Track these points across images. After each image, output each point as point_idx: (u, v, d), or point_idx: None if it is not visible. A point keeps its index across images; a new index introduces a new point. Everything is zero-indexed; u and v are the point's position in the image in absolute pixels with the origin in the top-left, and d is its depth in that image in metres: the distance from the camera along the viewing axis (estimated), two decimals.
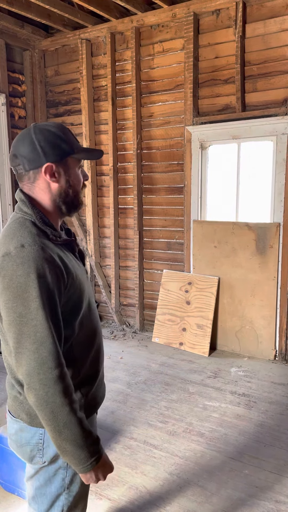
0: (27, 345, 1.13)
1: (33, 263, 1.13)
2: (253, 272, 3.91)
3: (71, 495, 1.39)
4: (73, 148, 1.27)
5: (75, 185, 1.31)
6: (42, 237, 1.21)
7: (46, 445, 1.32)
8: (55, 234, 1.26)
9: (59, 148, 1.25)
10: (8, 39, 4.50)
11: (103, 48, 4.50)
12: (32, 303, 1.12)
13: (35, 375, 1.13)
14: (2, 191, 4.58)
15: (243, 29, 3.73)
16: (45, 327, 1.13)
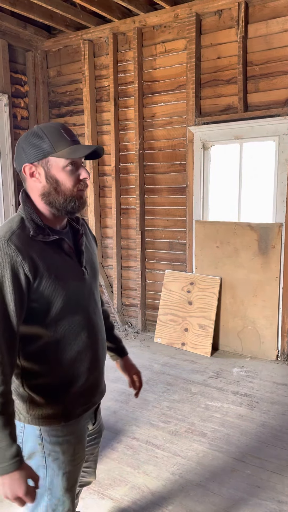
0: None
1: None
2: (255, 272, 3.91)
3: (55, 496, 1.40)
4: (54, 147, 1.27)
5: (59, 185, 1.30)
6: (19, 232, 1.25)
7: (25, 440, 1.36)
8: (37, 231, 1.28)
9: (38, 148, 1.27)
10: (10, 40, 4.51)
11: (105, 48, 4.51)
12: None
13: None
14: (5, 191, 4.59)
15: (245, 29, 3.74)
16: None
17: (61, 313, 1.31)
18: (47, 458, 1.36)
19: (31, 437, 1.35)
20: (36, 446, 1.35)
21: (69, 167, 1.29)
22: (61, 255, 1.34)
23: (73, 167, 1.30)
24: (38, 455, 1.36)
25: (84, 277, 1.40)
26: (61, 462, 1.38)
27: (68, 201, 1.31)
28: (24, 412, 1.34)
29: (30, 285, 1.23)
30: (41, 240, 1.28)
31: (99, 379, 1.50)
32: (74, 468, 1.43)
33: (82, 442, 1.46)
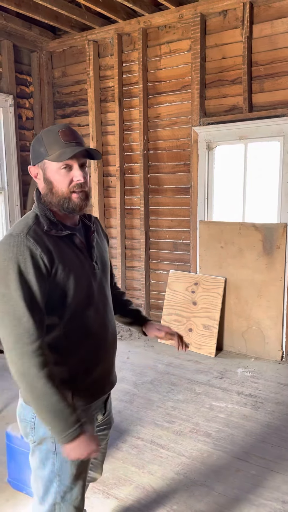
0: (6, 322, 1.25)
1: (15, 249, 1.26)
2: (260, 272, 3.91)
3: (63, 483, 1.45)
4: (48, 150, 1.35)
5: (53, 187, 1.37)
6: (35, 227, 1.33)
7: (37, 425, 1.41)
8: (51, 226, 1.35)
9: (37, 151, 1.38)
10: (16, 41, 4.53)
11: (110, 49, 4.52)
12: (11, 284, 1.25)
13: (13, 349, 1.25)
14: (10, 191, 4.61)
15: (250, 29, 3.74)
16: (22, 305, 1.24)
17: (73, 305, 1.37)
18: (57, 444, 1.41)
19: (42, 423, 1.40)
20: (46, 432, 1.40)
21: (62, 169, 1.36)
22: (73, 249, 1.41)
23: (67, 169, 1.36)
24: (48, 440, 1.41)
25: (95, 272, 1.47)
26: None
27: (62, 202, 1.38)
28: None
29: (49, 275, 1.31)
30: (54, 235, 1.36)
31: (109, 370, 1.56)
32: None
33: (91, 431, 1.50)
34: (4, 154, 4.52)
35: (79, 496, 1.50)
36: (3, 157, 4.52)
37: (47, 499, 1.47)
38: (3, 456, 2.54)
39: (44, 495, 1.47)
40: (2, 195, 4.60)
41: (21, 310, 1.24)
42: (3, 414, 3.04)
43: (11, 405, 3.15)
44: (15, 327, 1.24)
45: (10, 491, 2.29)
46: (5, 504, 2.21)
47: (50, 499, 1.46)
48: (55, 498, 1.46)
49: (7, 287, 1.25)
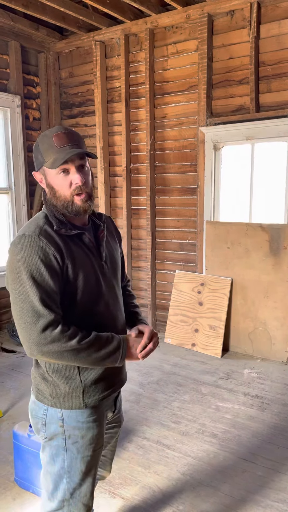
0: (27, 319, 1.29)
1: (29, 249, 1.30)
2: (267, 273, 3.90)
3: (73, 480, 1.47)
4: (44, 157, 1.37)
5: (56, 191, 1.39)
6: (46, 227, 1.36)
7: (48, 421, 1.45)
8: (60, 226, 1.38)
9: (37, 158, 1.42)
10: (23, 42, 4.55)
11: (117, 49, 4.52)
12: (27, 282, 1.28)
13: (42, 344, 1.28)
14: (17, 191, 4.63)
15: (258, 29, 3.73)
16: (40, 301, 1.28)
17: (82, 303, 1.39)
18: (67, 440, 1.44)
19: (53, 419, 1.44)
20: (58, 428, 1.44)
21: (61, 174, 1.37)
22: (83, 248, 1.43)
23: (65, 173, 1.37)
24: (59, 437, 1.44)
25: (104, 271, 1.48)
26: (80, 446, 1.45)
27: (66, 205, 1.39)
28: (48, 395, 1.44)
29: (61, 273, 1.34)
30: (64, 234, 1.38)
31: (119, 368, 1.57)
32: (93, 454, 1.49)
33: (101, 428, 1.53)
34: (11, 154, 4.54)
35: (88, 494, 1.51)
36: (10, 157, 4.54)
37: (56, 495, 1.49)
38: (10, 455, 2.55)
39: (53, 491, 1.49)
40: (9, 195, 4.62)
41: (39, 307, 1.28)
42: (9, 413, 3.05)
43: (18, 404, 3.16)
44: (36, 323, 1.28)
45: (17, 490, 2.30)
46: (12, 502, 2.22)
47: (59, 495, 1.48)
48: (64, 494, 1.47)
49: (23, 285, 1.29)
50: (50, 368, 1.42)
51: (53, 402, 1.43)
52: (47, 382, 1.44)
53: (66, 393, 1.42)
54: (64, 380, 1.42)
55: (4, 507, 2.19)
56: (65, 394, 1.42)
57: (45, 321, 1.28)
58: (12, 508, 2.18)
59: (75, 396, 1.42)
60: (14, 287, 1.31)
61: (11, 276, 1.32)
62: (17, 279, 1.30)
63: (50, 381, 1.43)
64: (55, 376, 1.42)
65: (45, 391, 1.45)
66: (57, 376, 1.42)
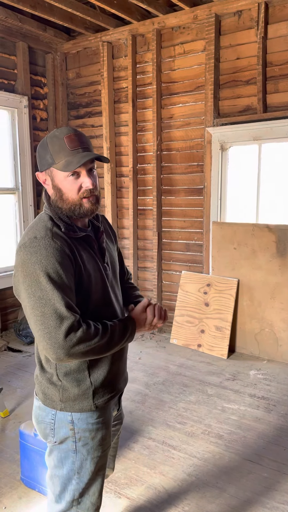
0: (50, 323, 1.25)
1: (44, 251, 1.26)
2: (273, 274, 3.88)
3: (82, 480, 1.47)
4: (54, 159, 1.34)
5: (62, 194, 1.36)
6: (55, 230, 1.33)
7: (57, 425, 1.43)
8: (68, 228, 1.36)
9: (44, 159, 1.37)
10: (31, 42, 4.57)
11: (124, 50, 4.53)
12: (47, 285, 1.25)
13: (68, 347, 1.25)
14: (24, 192, 4.65)
15: (265, 30, 3.71)
16: (62, 304, 1.25)
17: (92, 305, 1.40)
18: (78, 443, 1.44)
19: (63, 423, 1.43)
20: (68, 431, 1.43)
21: (70, 176, 1.35)
22: (89, 251, 1.43)
23: (75, 176, 1.35)
24: (69, 440, 1.44)
25: (107, 272, 1.49)
26: (90, 447, 1.46)
27: (73, 208, 1.38)
28: (57, 400, 1.43)
29: (75, 274, 1.34)
30: (72, 237, 1.37)
31: (123, 368, 1.59)
32: (102, 454, 1.50)
33: (109, 428, 1.54)
34: (18, 154, 4.56)
35: (96, 493, 1.52)
36: (17, 157, 4.57)
37: (64, 497, 1.49)
38: (16, 454, 2.56)
39: (61, 493, 1.49)
40: (16, 195, 4.64)
41: (62, 309, 1.25)
42: (16, 412, 3.06)
43: (24, 404, 3.18)
44: (60, 326, 1.25)
45: (23, 489, 2.31)
46: (18, 501, 2.23)
47: (68, 496, 1.48)
48: (73, 495, 1.48)
49: (43, 289, 1.25)
50: (61, 372, 1.41)
51: (62, 406, 1.42)
52: (56, 386, 1.42)
53: (77, 396, 1.42)
54: (75, 383, 1.41)
55: (11, 505, 2.20)
56: (75, 397, 1.42)
57: (68, 324, 1.25)
58: (18, 507, 2.19)
59: (85, 399, 1.42)
60: (32, 292, 1.26)
61: (26, 280, 1.27)
62: (34, 283, 1.26)
63: (59, 385, 1.42)
64: (65, 379, 1.41)
65: (53, 396, 1.43)
66: (67, 380, 1.41)
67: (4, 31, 4.28)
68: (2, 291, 4.55)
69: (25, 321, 4.46)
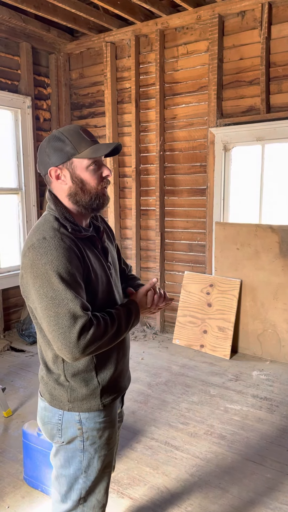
0: (64, 323, 1.25)
1: (55, 252, 1.26)
2: (276, 275, 3.88)
3: (89, 479, 1.47)
4: (76, 148, 1.34)
5: (84, 184, 1.37)
6: (62, 230, 1.33)
7: (64, 426, 1.43)
8: (74, 228, 1.36)
9: (62, 151, 1.35)
10: (34, 43, 4.58)
11: (127, 50, 4.54)
12: (59, 286, 1.25)
13: (84, 346, 1.25)
14: (27, 192, 4.66)
15: (269, 30, 3.71)
16: (76, 303, 1.25)
17: (98, 304, 1.40)
18: (85, 442, 1.44)
19: (71, 423, 1.44)
20: (76, 431, 1.43)
21: (92, 166, 1.37)
22: (93, 250, 1.44)
23: (96, 166, 1.38)
24: (77, 440, 1.44)
25: (111, 271, 1.50)
26: (98, 446, 1.46)
27: (94, 199, 1.39)
28: (65, 400, 1.43)
29: (84, 273, 1.34)
30: (79, 237, 1.38)
31: (127, 366, 1.60)
32: (109, 452, 1.51)
33: (115, 426, 1.55)
34: (21, 154, 4.57)
35: (102, 490, 1.53)
36: (21, 158, 4.58)
37: (70, 496, 1.49)
38: (19, 454, 2.57)
39: (67, 493, 1.49)
40: (19, 195, 4.65)
41: (76, 309, 1.25)
42: (18, 412, 3.07)
43: (27, 403, 3.18)
44: (74, 325, 1.24)
45: (26, 488, 2.31)
46: (21, 501, 2.23)
47: (74, 495, 1.48)
48: (80, 494, 1.48)
49: (55, 290, 1.25)
50: (69, 373, 1.41)
51: (70, 406, 1.42)
52: (63, 387, 1.42)
53: (85, 396, 1.42)
54: (83, 383, 1.42)
55: (13, 505, 2.20)
56: (83, 397, 1.42)
57: (82, 322, 1.25)
58: (21, 507, 2.19)
59: (93, 398, 1.43)
60: (44, 293, 1.26)
61: (37, 281, 1.26)
62: (46, 284, 1.25)
63: (66, 385, 1.42)
64: (73, 380, 1.41)
65: (61, 396, 1.43)
66: (75, 380, 1.41)
67: (7, 32, 4.30)
68: (5, 291, 4.56)
69: (28, 321, 4.47)
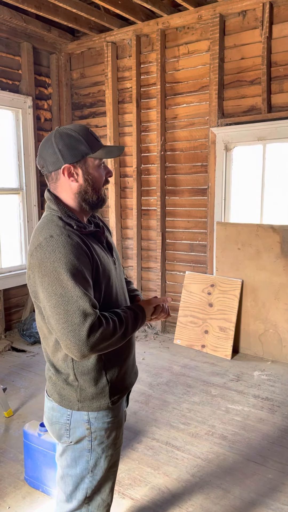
0: (74, 320, 1.25)
1: (63, 249, 1.27)
2: (278, 275, 3.87)
3: (95, 478, 1.47)
4: (91, 148, 1.38)
5: (95, 183, 1.41)
6: (68, 228, 1.34)
7: (73, 426, 1.43)
8: (79, 225, 1.38)
9: (77, 149, 1.36)
10: (35, 43, 4.58)
11: (128, 50, 4.53)
12: (68, 283, 1.25)
13: (93, 344, 1.26)
14: (28, 192, 4.66)
15: (270, 30, 3.71)
16: (85, 300, 1.25)
17: (105, 301, 1.41)
18: (93, 442, 1.44)
19: (79, 423, 1.44)
20: (84, 431, 1.43)
21: (102, 166, 1.42)
22: (99, 246, 1.45)
23: (103, 166, 1.44)
24: (85, 439, 1.44)
25: (115, 266, 1.52)
26: (105, 446, 1.47)
27: (100, 197, 1.44)
28: (74, 400, 1.43)
29: (92, 269, 1.35)
30: (84, 233, 1.39)
31: (134, 362, 1.62)
32: (115, 451, 1.51)
33: (122, 426, 1.55)
34: (22, 154, 4.57)
35: (107, 489, 1.53)
36: (22, 158, 4.57)
37: (76, 496, 1.49)
38: (20, 454, 2.56)
39: (72, 493, 1.49)
40: (20, 195, 4.65)
41: (86, 305, 1.25)
42: (19, 412, 3.06)
43: (28, 403, 3.18)
44: (83, 323, 1.25)
45: (27, 489, 2.31)
46: (22, 501, 2.23)
47: (80, 495, 1.48)
48: (86, 493, 1.48)
49: (65, 287, 1.25)
50: (78, 372, 1.41)
51: (80, 406, 1.42)
52: (72, 387, 1.42)
53: (94, 395, 1.42)
54: (93, 382, 1.42)
55: (14, 505, 2.20)
56: (92, 396, 1.42)
57: (92, 320, 1.25)
58: (22, 507, 2.19)
59: (102, 397, 1.43)
60: (53, 291, 1.26)
61: (45, 280, 1.27)
62: (55, 281, 1.25)
63: (75, 385, 1.42)
64: (83, 379, 1.41)
65: (70, 396, 1.43)
66: (85, 379, 1.41)
67: (8, 32, 4.29)
68: (6, 291, 4.56)
69: (29, 321, 4.46)
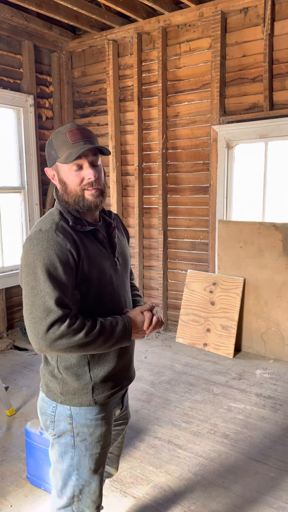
0: (37, 314, 1.28)
1: (45, 243, 1.30)
2: (280, 273, 3.86)
3: (82, 477, 1.48)
4: (57, 153, 1.39)
5: (67, 187, 1.40)
6: (62, 223, 1.36)
7: (57, 418, 1.45)
8: (75, 222, 1.39)
9: (50, 155, 1.43)
10: (36, 41, 4.57)
11: (129, 48, 4.52)
12: (40, 277, 1.28)
13: (50, 340, 1.27)
14: (29, 191, 4.66)
15: (272, 27, 3.69)
16: (52, 296, 1.27)
17: (95, 298, 1.41)
18: (76, 438, 1.45)
19: (62, 416, 1.45)
20: (66, 425, 1.45)
21: (73, 169, 1.39)
22: (97, 244, 1.44)
23: (78, 169, 1.39)
24: (68, 434, 1.45)
25: (117, 267, 1.50)
26: (89, 443, 1.46)
27: (77, 201, 1.41)
28: (58, 392, 1.44)
29: (76, 269, 1.35)
30: (79, 230, 1.39)
31: (129, 365, 1.58)
32: (101, 451, 1.50)
33: (109, 426, 1.53)
34: (24, 153, 4.56)
35: (97, 491, 1.52)
36: (23, 156, 4.57)
37: (65, 492, 1.50)
38: (22, 453, 2.57)
39: (62, 488, 1.50)
40: (22, 194, 4.64)
41: (50, 302, 1.27)
42: (21, 411, 3.07)
43: (30, 402, 3.18)
44: (45, 318, 1.27)
45: (29, 487, 2.31)
46: (24, 500, 2.23)
47: (68, 492, 1.49)
48: (74, 491, 1.49)
49: (37, 280, 1.29)
50: (62, 365, 1.43)
51: (62, 399, 1.44)
52: (57, 379, 1.45)
53: (76, 390, 1.43)
54: (75, 377, 1.43)
55: (16, 504, 2.20)
56: (74, 391, 1.43)
57: (54, 317, 1.27)
58: (24, 506, 2.19)
59: (84, 393, 1.43)
60: (27, 282, 1.31)
61: (25, 270, 1.32)
62: (31, 273, 1.30)
63: (59, 378, 1.44)
64: (65, 373, 1.43)
65: (54, 388, 1.45)
66: (67, 373, 1.43)
67: (9, 30, 4.29)
68: (8, 290, 4.56)
69: None
